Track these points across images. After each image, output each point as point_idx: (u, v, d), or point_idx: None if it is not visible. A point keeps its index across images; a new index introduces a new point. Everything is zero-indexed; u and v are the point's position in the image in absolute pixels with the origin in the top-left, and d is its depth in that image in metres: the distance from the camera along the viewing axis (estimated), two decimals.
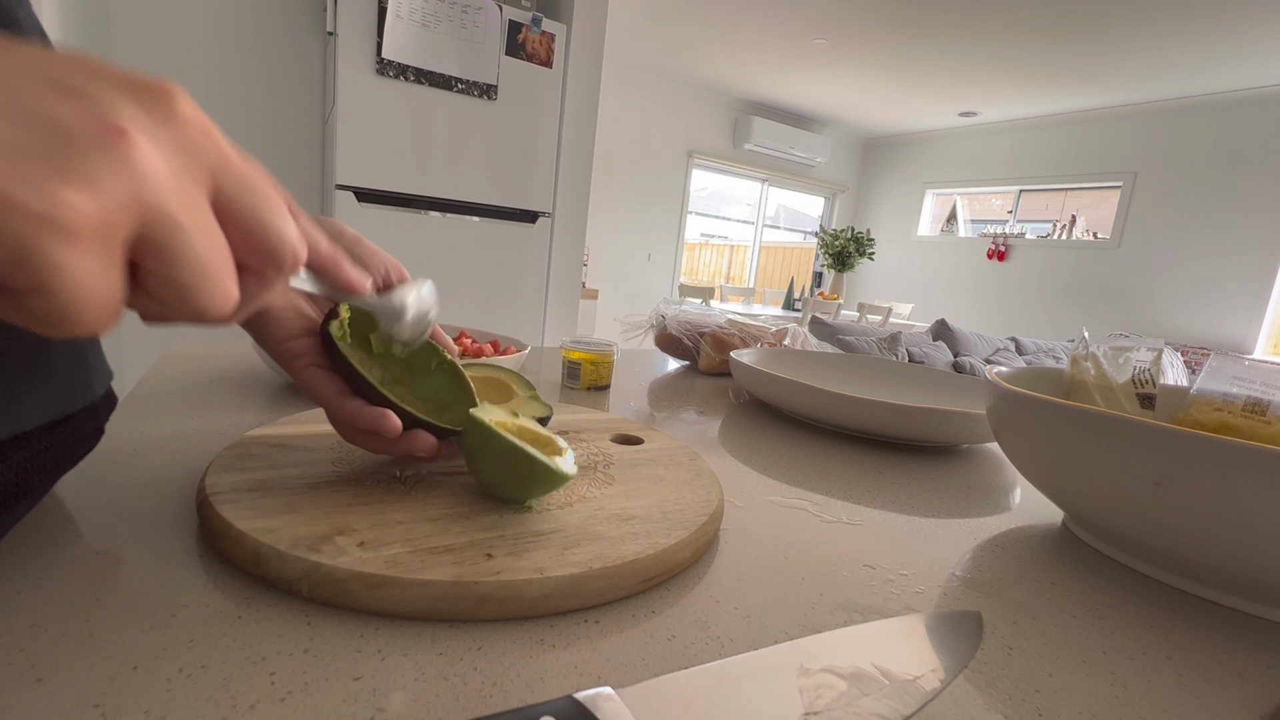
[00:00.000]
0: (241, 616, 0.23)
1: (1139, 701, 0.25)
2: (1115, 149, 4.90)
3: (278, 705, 0.19)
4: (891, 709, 0.20)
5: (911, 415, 0.53)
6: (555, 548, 0.28)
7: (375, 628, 0.24)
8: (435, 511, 0.30)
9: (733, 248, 6.70)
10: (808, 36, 4.12)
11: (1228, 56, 3.75)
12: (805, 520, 0.39)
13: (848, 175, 6.68)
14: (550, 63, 2.23)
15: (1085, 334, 0.51)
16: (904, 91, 5.01)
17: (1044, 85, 4.55)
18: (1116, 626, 0.30)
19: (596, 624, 0.26)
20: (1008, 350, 3.02)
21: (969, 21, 3.63)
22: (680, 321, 0.87)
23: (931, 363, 2.61)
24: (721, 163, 5.75)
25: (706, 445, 0.52)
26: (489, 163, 2.21)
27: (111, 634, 0.22)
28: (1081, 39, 3.71)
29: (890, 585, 0.32)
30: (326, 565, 0.24)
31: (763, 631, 0.26)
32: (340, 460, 0.34)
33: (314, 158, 2.41)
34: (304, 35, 2.30)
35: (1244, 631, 0.31)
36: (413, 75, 2.01)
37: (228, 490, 0.29)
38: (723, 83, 5.23)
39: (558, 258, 2.44)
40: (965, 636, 0.25)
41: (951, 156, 5.98)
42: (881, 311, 4.30)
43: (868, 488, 0.46)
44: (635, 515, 0.32)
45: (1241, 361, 0.40)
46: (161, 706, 0.19)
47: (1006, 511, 0.45)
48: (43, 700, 0.19)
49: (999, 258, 5.56)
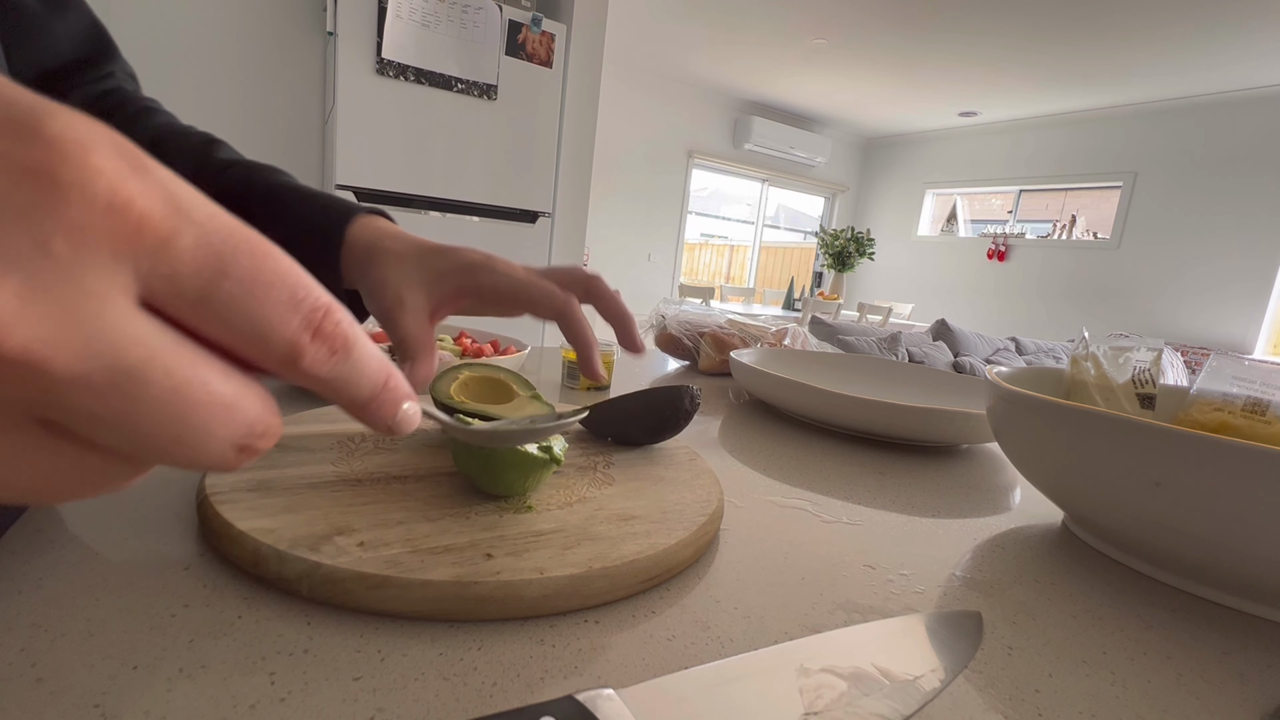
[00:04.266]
0: (241, 616, 0.23)
1: (1139, 701, 0.25)
2: (1115, 149, 4.90)
3: (278, 705, 0.19)
4: (891, 709, 0.20)
5: (911, 415, 0.53)
6: (555, 548, 0.28)
7: (375, 628, 0.24)
8: (435, 511, 0.30)
9: (733, 248, 6.71)
10: (808, 36, 4.12)
11: (1227, 56, 3.75)
12: (805, 520, 0.39)
13: (848, 175, 6.68)
14: (550, 63, 2.23)
15: (1085, 334, 0.51)
16: (904, 91, 5.01)
17: (1044, 85, 4.55)
18: (1116, 626, 0.30)
19: (596, 624, 0.26)
20: (1008, 350, 3.02)
21: (969, 21, 3.63)
22: (680, 321, 0.87)
23: (931, 363, 2.61)
24: (721, 163, 5.75)
25: (706, 445, 0.52)
26: (489, 163, 2.21)
27: (111, 634, 0.22)
28: (1081, 39, 3.71)
29: (890, 585, 0.32)
30: (326, 565, 0.24)
31: (763, 631, 0.26)
32: (340, 460, 0.34)
33: (314, 158, 2.41)
34: (304, 35, 2.30)
35: (1244, 631, 0.31)
36: (413, 75, 2.02)
37: (228, 490, 0.29)
38: (723, 83, 5.23)
39: (558, 258, 2.44)
40: (965, 636, 0.25)
41: (951, 156, 5.98)
42: (881, 311, 4.30)
43: (868, 488, 0.46)
44: (635, 515, 0.32)
45: (1241, 361, 0.40)
46: (161, 706, 0.19)
47: (1006, 511, 0.45)
48: (43, 700, 0.19)
49: (999, 258, 5.56)
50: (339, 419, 0.41)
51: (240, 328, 0.12)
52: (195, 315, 0.12)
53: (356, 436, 0.39)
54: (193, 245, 0.11)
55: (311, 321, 0.12)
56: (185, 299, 0.11)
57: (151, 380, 0.11)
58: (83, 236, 0.10)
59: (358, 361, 0.14)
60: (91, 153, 0.10)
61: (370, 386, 0.14)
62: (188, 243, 0.11)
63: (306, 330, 0.12)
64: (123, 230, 0.10)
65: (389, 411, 0.15)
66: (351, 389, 0.14)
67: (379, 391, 0.14)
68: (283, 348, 0.12)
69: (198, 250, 0.11)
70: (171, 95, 2.10)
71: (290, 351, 0.12)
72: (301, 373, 0.13)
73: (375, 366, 0.14)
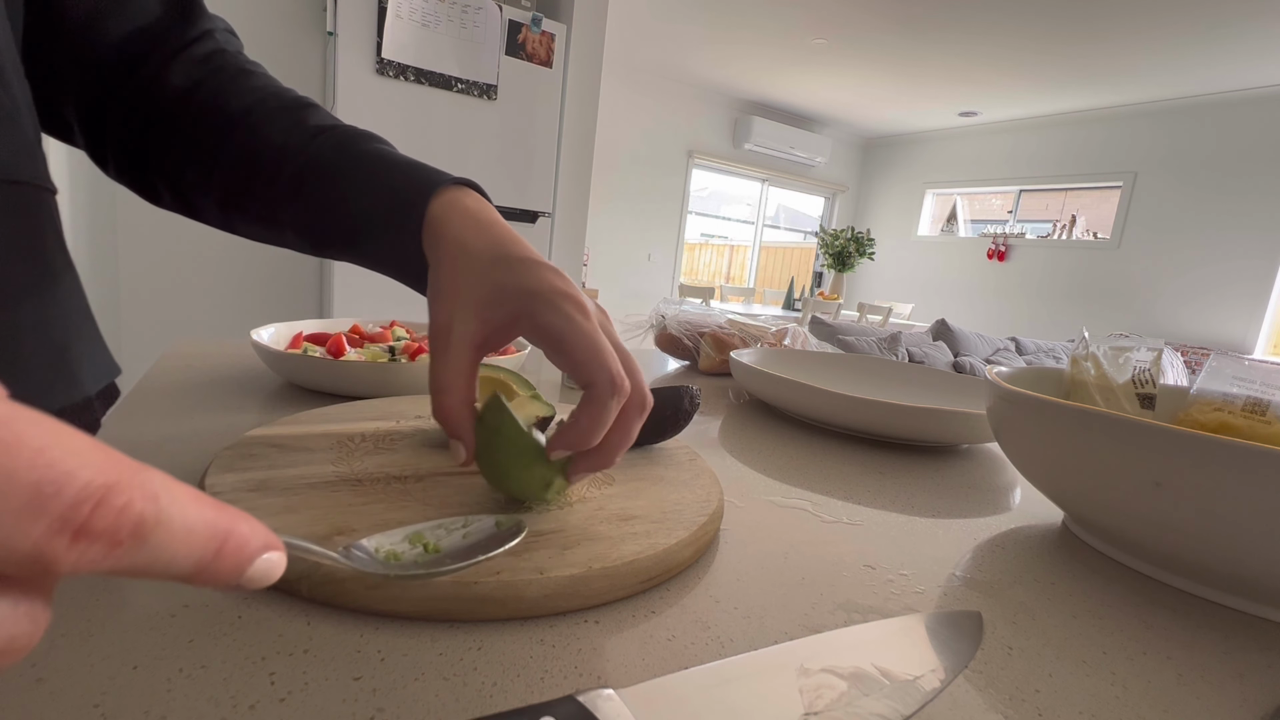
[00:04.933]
0: (241, 616, 0.23)
1: (1139, 701, 0.25)
2: (1115, 149, 4.90)
3: (278, 705, 0.19)
4: (891, 709, 0.20)
5: (911, 415, 0.53)
6: (555, 548, 0.28)
7: (375, 628, 0.24)
8: (435, 511, 0.30)
9: (733, 248, 6.71)
10: (808, 36, 4.12)
11: (1227, 56, 3.75)
12: (805, 520, 0.39)
13: (848, 175, 6.68)
14: (550, 63, 2.23)
15: (1085, 334, 0.51)
16: (904, 91, 5.01)
17: (1044, 85, 4.55)
18: (1116, 626, 0.30)
19: (596, 624, 0.26)
20: (1008, 350, 3.02)
21: (969, 21, 3.63)
22: (680, 321, 0.87)
23: (931, 363, 2.61)
24: (721, 163, 5.75)
25: (706, 445, 0.52)
26: (489, 163, 2.21)
27: (111, 634, 0.22)
28: (1081, 39, 3.71)
29: (890, 585, 0.32)
30: (326, 565, 0.24)
31: (763, 631, 0.26)
32: (340, 460, 0.34)
33: None
34: (304, 35, 2.30)
35: (1244, 631, 0.31)
36: (413, 75, 2.02)
37: (228, 490, 0.29)
38: (723, 83, 5.24)
39: (558, 257, 2.44)
40: (965, 636, 0.25)
41: (951, 156, 5.98)
42: (881, 311, 4.30)
43: (868, 488, 0.46)
44: (635, 515, 0.32)
45: (1241, 361, 0.40)
46: (161, 706, 0.19)
47: (1006, 511, 0.45)
48: (43, 700, 0.19)
49: (999, 258, 5.57)
50: (339, 419, 0.41)
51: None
52: None
53: (356, 437, 0.39)
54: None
55: (70, 520, 0.10)
56: None
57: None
58: None
59: (165, 540, 0.11)
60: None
61: (193, 559, 0.12)
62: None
63: (60, 534, 0.10)
64: None
65: (228, 577, 0.13)
66: (163, 569, 0.12)
67: (209, 560, 0.12)
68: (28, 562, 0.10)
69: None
70: None
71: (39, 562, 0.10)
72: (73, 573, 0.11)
73: (199, 533, 0.12)
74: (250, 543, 0.13)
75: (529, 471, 0.29)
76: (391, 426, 0.41)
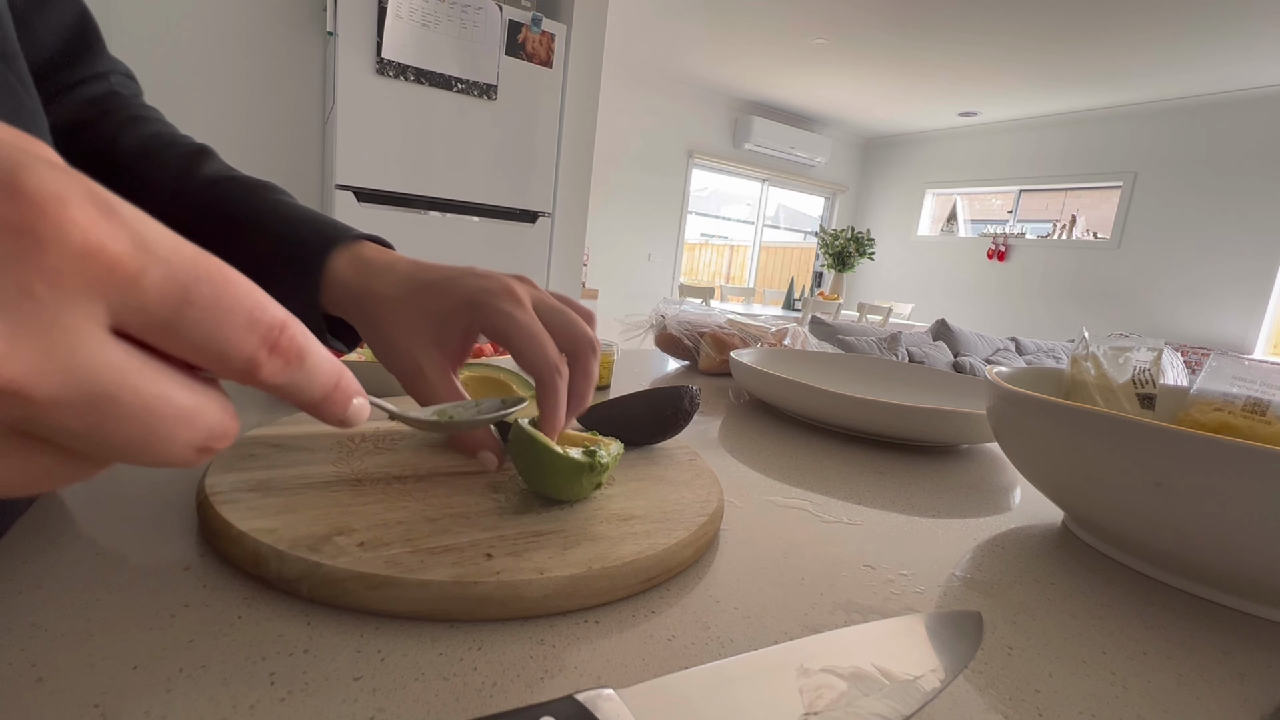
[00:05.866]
0: (241, 616, 0.23)
1: (1139, 701, 0.25)
2: (1115, 149, 4.90)
3: (278, 705, 0.19)
4: (891, 709, 0.20)
5: (911, 415, 0.53)
6: (555, 548, 0.28)
7: (375, 628, 0.24)
8: (435, 511, 0.30)
9: (733, 248, 6.71)
10: (808, 36, 4.12)
11: (1228, 56, 3.75)
12: (805, 520, 0.39)
13: (848, 175, 6.68)
14: (550, 63, 2.23)
15: (1085, 334, 0.51)
16: (904, 91, 5.01)
17: (1044, 85, 4.55)
18: (1116, 626, 0.30)
19: (596, 624, 0.26)
20: (1008, 350, 3.02)
21: (969, 21, 3.63)
22: (680, 321, 0.87)
23: (931, 363, 2.61)
24: (721, 163, 5.75)
25: (706, 445, 0.52)
26: (489, 163, 2.21)
27: (111, 634, 0.22)
28: (1081, 39, 3.71)
29: (890, 585, 0.32)
30: (326, 565, 0.24)
31: (763, 631, 0.26)
32: (340, 460, 0.34)
33: (314, 158, 2.41)
34: (304, 35, 2.30)
35: (1244, 631, 0.31)
36: (413, 75, 2.02)
37: (228, 490, 0.29)
38: (723, 83, 5.23)
39: (558, 257, 2.44)
40: (965, 636, 0.25)
41: (951, 156, 5.98)
42: (881, 311, 4.30)
43: (868, 488, 0.46)
44: (635, 515, 0.32)
45: (1241, 361, 0.40)
46: (161, 706, 0.19)
47: (1006, 511, 0.45)
48: (43, 700, 0.19)
49: (999, 258, 5.56)
50: None
51: (203, 347, 0.13)
52: (162, 339, 0.13)
53: (356, 437, 0.39)
54: (159, 280, 0.12)
55: (268, 339, 0.14)
56: (153, 326, 0.13)
57: (122, 400, 0.12)
58: (60, 280, 0.11)
59: (311, 369, 0.16)
60: (67, 206, 0.11)
61: (322, 389, 0.16)
62: (154, 278, 0.12)
63: (263, 347, 0.14)
64: (96, 273, 0.12)
65: (340, 408, 0.17)
66: (305, 392, 0.16)
67: (330, 392, 0.17)
68: (241, 364, 0.14)
69: (163, 284, 0.13)
70: (172, 95, 2.11)
71: (249, 366, 0.14)
72: (260, 382, 0.15)
73: (327, 370, 0.16)
74: (353, 384, 0.18)
75: (577, 484, 0.31)
76: (391, 426, 0.41)
